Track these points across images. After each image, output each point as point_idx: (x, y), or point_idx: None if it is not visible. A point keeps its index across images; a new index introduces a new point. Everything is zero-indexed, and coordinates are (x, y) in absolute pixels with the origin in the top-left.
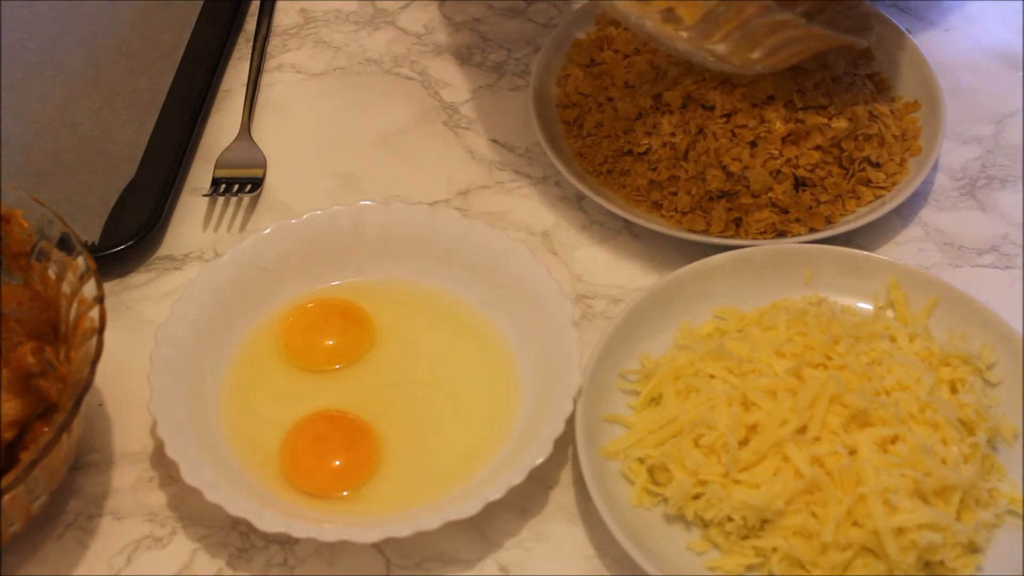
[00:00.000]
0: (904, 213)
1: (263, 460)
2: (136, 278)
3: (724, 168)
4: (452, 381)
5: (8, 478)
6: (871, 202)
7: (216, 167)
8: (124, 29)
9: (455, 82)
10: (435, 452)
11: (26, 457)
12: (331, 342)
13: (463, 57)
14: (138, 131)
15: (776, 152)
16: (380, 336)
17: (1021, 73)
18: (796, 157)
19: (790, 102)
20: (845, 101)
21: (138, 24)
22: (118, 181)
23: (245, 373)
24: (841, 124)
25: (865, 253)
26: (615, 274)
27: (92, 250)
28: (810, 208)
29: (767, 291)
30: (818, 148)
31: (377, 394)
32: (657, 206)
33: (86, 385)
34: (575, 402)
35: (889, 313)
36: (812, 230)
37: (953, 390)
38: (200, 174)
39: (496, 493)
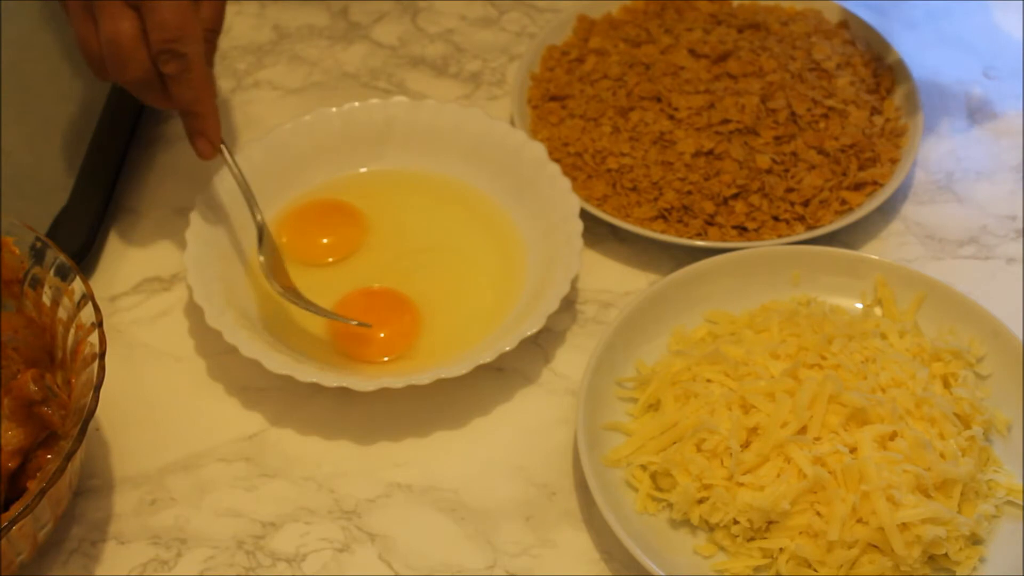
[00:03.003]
0: (885, 208)
1: (291, 323)
2: (125, 301)
3: (709, 169)
4: (463, 254)
5: (17, 507)
6: (862, 203)
7: None
8: (54, 55)
9: (433, 94)
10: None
11: (34, 486)
12: (326, 240)
13: (439, 68)
14: (71, 157)
15: (767, 151)
16: (394, 216)
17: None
18: (787, 157)
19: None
20: (844, 100)
21: (68, 50)
22: (51, 208)
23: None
24: (836, 126)
25: (851, 252)
26: (603, 278)
27: None
28: (802, 217)
29: (756, 293)
30: (813, 148)
31: (396, 265)
32: (639, 207)
33: (90, 411)
34: (572, 283)
35: (877, 311)
36: (810, 228)
37: (946, 385)
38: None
39: (488, 357)
